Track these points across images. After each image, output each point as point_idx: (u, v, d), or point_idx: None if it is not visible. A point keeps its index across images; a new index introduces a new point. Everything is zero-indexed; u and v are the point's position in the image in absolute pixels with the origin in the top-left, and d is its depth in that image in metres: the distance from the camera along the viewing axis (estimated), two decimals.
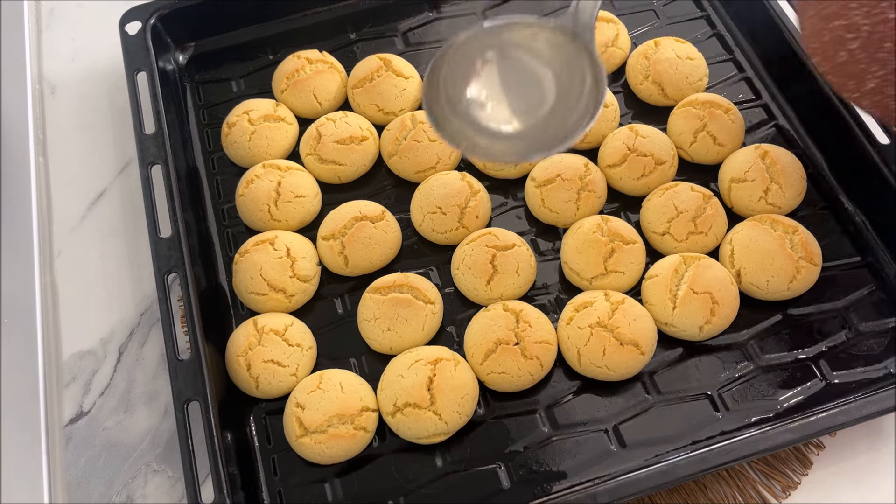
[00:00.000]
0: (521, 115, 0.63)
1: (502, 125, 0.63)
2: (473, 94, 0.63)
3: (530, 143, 0.63)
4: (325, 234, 0.77)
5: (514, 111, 0.63)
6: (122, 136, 0.90)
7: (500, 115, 0.63)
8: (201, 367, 0.66)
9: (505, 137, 0.63)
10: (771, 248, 0.73)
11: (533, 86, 0.63)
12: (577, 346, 0.69)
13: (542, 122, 0.63)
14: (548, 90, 0.62)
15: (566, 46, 0.61)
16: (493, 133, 0.63)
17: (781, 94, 0.87)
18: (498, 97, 0.63)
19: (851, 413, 0.65)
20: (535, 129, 0.63)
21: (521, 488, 0.66)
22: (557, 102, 0.62)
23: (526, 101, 0.63)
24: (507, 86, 0.63)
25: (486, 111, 0.63)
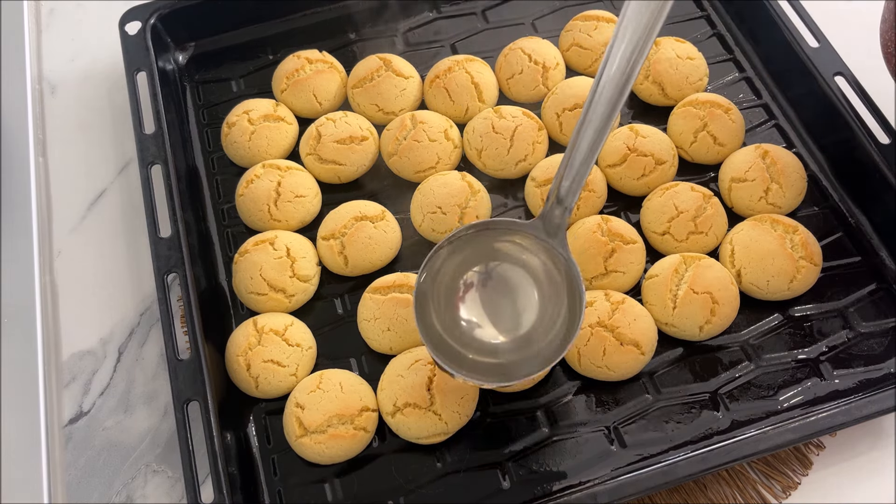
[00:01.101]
0: (506, 332, 0.64)
1: (492, 344, 0.64)
2: (463, 317, 0.64)
3: (521, 361, 0.63)
4: (325, 234, 0.77)
5: (501, 330, 0.64)
6: (121, 136, 0.90)
7: (489, 336, 0.64)
8: (201, 367, 0.66)
9: (496, 355, 0.63)
10: (771, 248, 0.73)
11: (517, 300, 0.64)
12: (576, 345, 0.69)
13: (526, 337, 0.63)
14: (531, 302, 0.64)
15: (542, 249, 0.63)
16: (486, 352, 0.63)
17: (781, 94, 0.87)
18: (485, 319, 0.64)
19: (851, 413, 0.65)
20: (521, 346, 0.63)
21: (521, 488, 0.66)
22: (540, 314, 0.63)
23: (511, 318, 0.64)
24: (492, 306, 0.64)
25: (477, 332, 0.64)
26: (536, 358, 0.62)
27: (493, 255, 0.65)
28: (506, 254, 0.65)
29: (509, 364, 0.62)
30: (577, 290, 0.61)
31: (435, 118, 0.83)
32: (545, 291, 0.63)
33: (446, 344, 0.62)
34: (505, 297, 0.64)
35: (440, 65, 0.86)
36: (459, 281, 0.64)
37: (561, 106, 0.83)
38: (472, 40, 0.92)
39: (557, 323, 0.62)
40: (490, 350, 0.63)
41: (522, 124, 0.81)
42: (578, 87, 0.84)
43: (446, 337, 0.62)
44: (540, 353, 0.62)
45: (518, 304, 0.64)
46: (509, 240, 0.64)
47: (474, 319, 0.64)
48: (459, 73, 0.85)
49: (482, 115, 0.83)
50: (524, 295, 0.64)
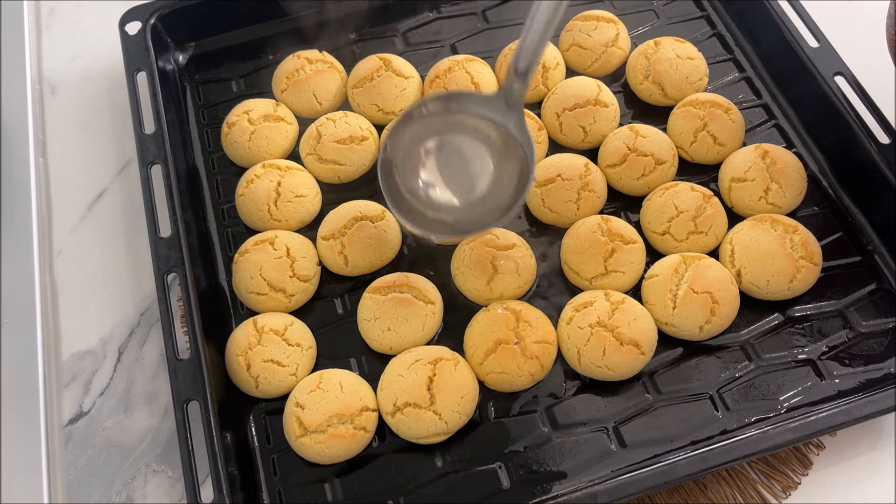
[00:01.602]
0: (462, 194, 0.69)
1: (449, 203, 0.69)
2: (422, 179, 0.69)
3: (470, 220, 0.68)
4: (325, 234, 0.77)
5: (455, 192, 0.69)
6: (121, 135, 0.90)
7: (445, 196, 0.69)
8: (201, 366, 0.66)
9: (451, 214, 0.68)
10: (771, 248, 0.73)
11: (473, 165, 0.69)
12: (577, 345, 0.69)
13: (481, 199, 0.68)
14: (486, 167, 0.68)
15: (501, 122, 0.67)
16: (443, 210, 0.68)
17: (781, 94, 0.87)
18: (441, 181, 0.69)
19: (851, 413, 0.65)
20: (475, 205, 0.68)
21: (521, 488, 0.66)
22: (495, 178, 0.68)
23: (467, 182, 0.69)
24: (448, 169, 0.69)
25: (435, 193, 0.69)
26: (487, 218, 0.67)
27: (454, 127, 0.69)
28: (466, 125, 0.69)
29: (463, 223, 0.68)
30: (528, 158, 0.65)
31: None
32: (500, 159, 0.68)
33: (408, 204, 0.68)
34: (462, 163, 0.69)
35: (440, 65, 0.86)
36: (420, 149, 0.69)
37: (561, 106, 0.83)
38: (472, 40, 0.92)
39: (510, 187, 0.67)
40: (447, 210, 0.68)
41: None
42: (578, 87, 0.84)
43: (409, 198, 0.68)
44: (491, 213, 0.67)
45: (474, 170, 0.69)
46: (470, 111, 0.68)
47: (433, 183, 0.69)
48: (459, 73, 0.85)
49: None
50: (480, 162, 0.68)
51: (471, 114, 0.68)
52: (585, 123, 0.82)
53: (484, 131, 0.68)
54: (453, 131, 0.69)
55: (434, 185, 0.69)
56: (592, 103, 0.82)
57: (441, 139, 0.69)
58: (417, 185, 0.68)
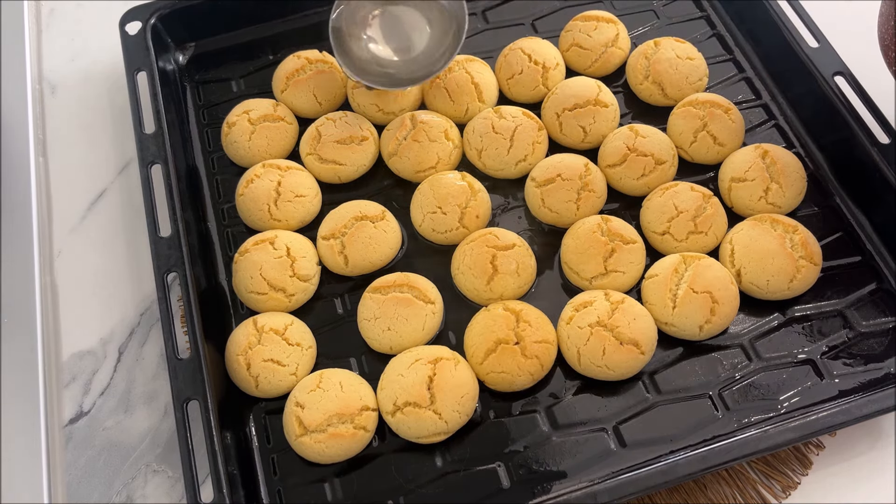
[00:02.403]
0: (401, 52, 0.84)
1: (391, 58, 0.84)
2: (366, 37, 0.83)
3: (407, 74, 0.82)
4: (325, 234, 0.77)
5: (396, 50, 0.84)
6: (121, 135, 0.90)
7: (388, 53, 0.84)
8: (201, 366, 0.66)
9: (392, 68, 0.83)
10: (771, 248, 0.73)
11: (411, 30, 0.84)
12: (576, 345, 0.69)
13: (418, 57, 0.83)
14: (423, 33, 0.83)
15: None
16: (384, 64, 0.83)
17: (781, 94, 0.87)
18: (384, 40, 0.84)
19: (851, 413, 0.65)
20: (412, 63, 0.83)
21: (521, 488, 0.66)
22: (430, 42, 0.83)
23: (405, 42, 0.84)
24: (390, 31, 0.84)
25: (378, 50, 0.84)
26: (423, 70, 0.81)
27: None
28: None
29: (403, 74, 0.82)
30: (461, 17, 0.79)
31: (435, 118, 0.83)
32: (436, 23, 0.82)
33: (360, 61, 0.82)
34: (402, 27, 0.83)
35: None
36: (367, 14, 0.83)
37: (561, 106, 0.83)
38: (472, 40, 0.92)
39: (444, 45, 0.81)
40: (390, 65, 0.83)
41: (522, 124, 0.81)
42: (578, 87, 0.84)
43: (359, 55, 0.82)
44: (426, 67, 0.81)
45: (413, 33, 0.83)
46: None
47: (378, 43, 0.83)
48: (459, 73, 0.85)
49: (482, 115, 0.83)
50: (418, 25, 0.83)
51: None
52: (585, 123, 0.82)
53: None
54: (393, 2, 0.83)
55: (378, 43, 0.83)
56: (592, 103, 0.82)
57: (383, 9, 0.83)
58: (364, 44, 0.83)
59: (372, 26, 0.82)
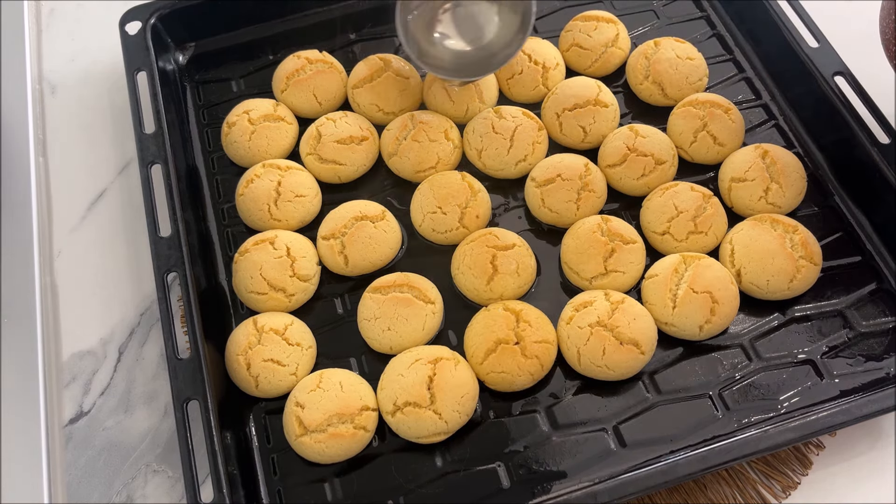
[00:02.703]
0: (472, 43, 0.82)
1: (463, 49, 0.82)
2: (438, 34, 0.82)
3: (477, 66, 0.81)
4: (325, 234, 0.77)
5: (467, 41, 0.82)
6: (121, 135, 0.90)
7: (460, 45, 0.82)
8: (201, 366, 0.66)
9: (465, 58, 0.82)
10: (771, 248, 0.73)
11: (479, 20, 0.82)
12: (576, 345, 0.69)
13: (485, 49, 0.81)
14: (491, 22, 0.81)
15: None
16: (457, 56, 0.82)
17: (781, 94, 0.87)
18: (454, 33, 0.82)
19: (851, 413, 0.65)
20: (484, 50, 0.81)
21: (521, 488, 0.66)
22: (500, 30, 0.81)
23: (475, 33, 0.82)
24: (459, 24, 0.82)
25: (450, 44, 0.82)
26: (492, 60, 0.80)
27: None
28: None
29: (472, 65, 0.81)
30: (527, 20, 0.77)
31: (435, 118, 0.83)
32: (504, 10, 0.80)
33: (433, 58, 0.81)
34: (471, 18, 0.82)
35: None
36: (436, 11, 0.81)
37: (561, 106, 0.83)
38: None
39: (513, 30, 0.79)
40: (463, 56, 0.82)
41: (522, 124, 0.81)
42: (578, 87, 0.84)
43: (424, 44, 0.80)
44: (496, 57, 0.80)
45: (481, 23, 0.82)
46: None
47: (447, 33, 0.82)
48: None
49: (482, 115, 0.83)
50: (486, 15, 0.81)
51: None
52: (585, 123, 0.82)
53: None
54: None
55: (448, 38, 0.81)
56: (592, 103, 0.82)
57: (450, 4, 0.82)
58: (432, 34, 0.81)
59: (442, 22, 0.81)
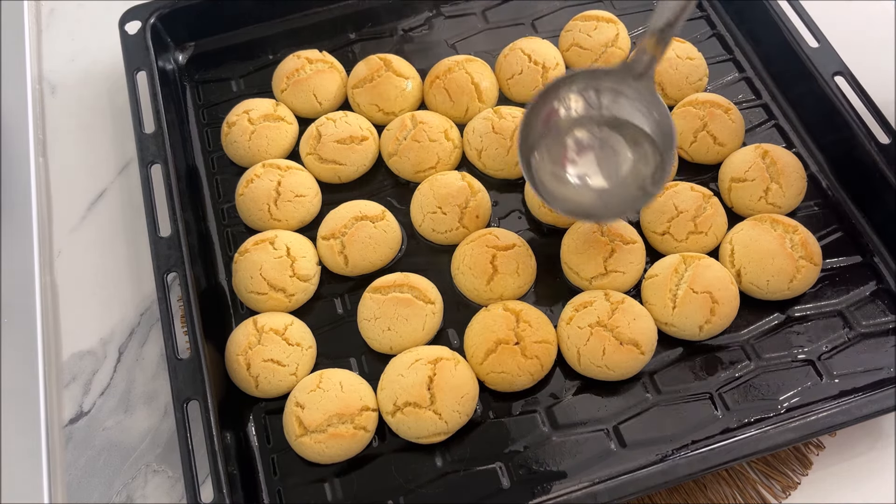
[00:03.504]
0: (606, 178, 0.72)
1: (590, 186, 0.72)
2: (569, 171, 0.72)
3: (614, 202, 0.71)
4: (325, 234, 0.77)
5: (600, 176, 0.72)
6: (121, 135, 0.90)
7: (594, 183, 0.72)
8: (201, 366, 0.66)
9: (594, 195, 0.71)
10: (771, 248, 0.73)
11: (613, 150, 0.71)
12: (576, 345, 0.69)
13: (622, 182, 0.71)
14: (624, 151, 0.71)
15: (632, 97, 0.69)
16: (585, 192, 0.72)
17: (781, 94, 0.87)
18: (586, 169, 0.72)
19: (851, 413, 0.65)
20: (617, 188, 0.71)
21: (521, 488, 0.66)
22: (634, 166, 0.71)
23: (607, 168, 0.71)
24: (589, 158, 0.72)
25: (578, 182, 0.72)
26: (624, 203, 0.70)
27: (590, 119, 0.72)
28: (604, 115, 0.71)
29: (606, 206, 0.71)
30: (668, 136, 0.67)
31: (435, 118, 0.83)
32: (638, 145, 0.70)
33: (560, 199, 0.70)
34: (601, 151, 0.72)
35: (440, 65, 0.86)
36: (563, 139, 0.71)
37: None
38: (472, 40, 0.92)
39: (649, 168, 0.69)
40: (592, 195, 0.71)
41: None
42: None
43: (546, 180, 0.70)
44: (628, 197, 0.70)
45: (614, 156, 0.71)
46: (607, 86, 0.70)
47: (581, 173, 0.72)
48: (459, 73, 0.85)
49: (482, 116, 0.83)
50: (617, 151, 0.71)
51: (610, 94, 0.70)
52: None
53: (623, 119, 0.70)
54: (590, 124, 0.71)
55: (579, 173, 0.71)
56: None
57: (583, 132, 0.72)
58: (562, 173, 0.71)
59: (571, 152, 0.72)
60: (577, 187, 0.71)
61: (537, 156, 0.70)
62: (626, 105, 0.70)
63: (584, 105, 0.71)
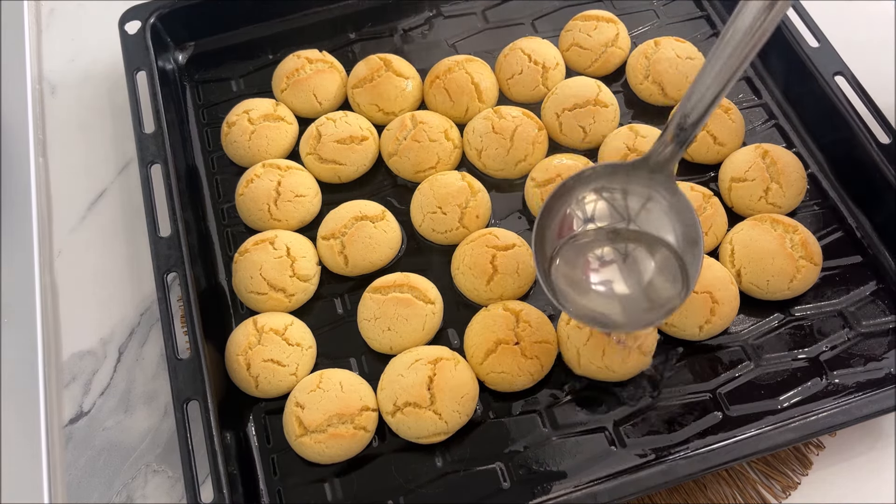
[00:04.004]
0: (628, 286, 0.67)
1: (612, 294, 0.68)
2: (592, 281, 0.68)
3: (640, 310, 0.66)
4: (325, 234, 0.77)
5: (623, 285, 0.68)
6: (121, 135, 0.90)
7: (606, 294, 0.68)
8: (201, 366, 0.66)
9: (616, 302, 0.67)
10: (771, 248, 0.73)
11: (633, 259, 0.68)
12: (576, 345, 0.69)
13: (644, 291, 0.67)
14: (646, 266, 0.67)
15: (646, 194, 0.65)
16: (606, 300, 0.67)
17: (781, 94, 0.87)
18: (602, 281, 0.68)
19: (851, 413, 0.65)
20: (639, 296, 0.67)
21: (521, 488, 0.66)
22: (657, 273, 0.67)
23: (629, 274, 0.68)
24: (609, 272, 0.68)
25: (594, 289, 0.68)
26: (649, 313, 0.65)
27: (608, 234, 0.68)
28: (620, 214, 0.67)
29: (622, 316, 0.66)
30: (692, 237, 0.63)
31: (435, 118, 0.83)
32: (658, 254, 0.67)
33: (580, 308, 0.66)
34: (622, 264, 0.68)
35: (440, 65, 0.86)
36: (581, 254, 0.68)
37: (561, 106, 0.83)
38: (472, 40, 0.92)
39: (672, 277, 0.65)
40: (613, 304, 0.67)
41: (522, 124, 0.81)
42: (578, 87, 0.84)
43: (565, 288, 0.66)
44: (653, 307, 0.65)
45: (634, 269, 0.67)
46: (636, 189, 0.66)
47: (595, 283, 0.68)
48: (459, 73, 0.85)
49: (482, 115, 0.83)
50: (639, 261, 0.67)
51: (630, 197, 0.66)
52: (585, 123, 0.82)
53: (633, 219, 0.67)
54: (608, 239, 0.68)
55: (601, 282, 0.68)
56: (592, 103, 0.82)
57: (600, 247, 0.68)
58: (582, 281, 0.67)
59: (591, 270, 0.68)
60: (598, 296, 0.67)
61: (557, 261, 0.67)
62: (655, 212, 0.66)
63: (609, 211, 0.67)
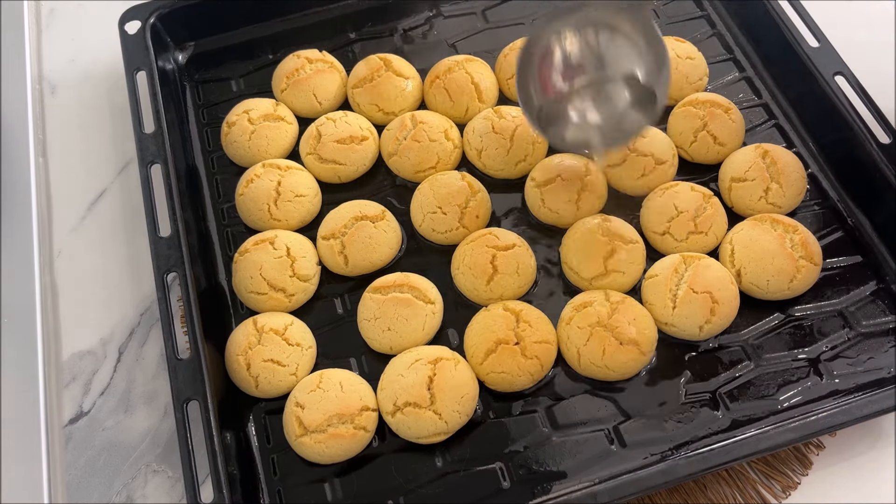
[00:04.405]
0: (603, 110, 0.69)
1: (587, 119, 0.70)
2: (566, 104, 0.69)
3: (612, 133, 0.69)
4: (325, 234, 0.77)
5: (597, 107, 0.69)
6: (121, 135, 0.90)
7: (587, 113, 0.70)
8: (201, 366, 0.66)
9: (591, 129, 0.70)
10: (771, 248, 0.73)
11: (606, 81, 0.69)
12: (577, 345, 0.69)
13: (620, 114, 0.69)
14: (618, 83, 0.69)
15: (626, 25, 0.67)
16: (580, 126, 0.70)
17: (781, 94, 0.87)
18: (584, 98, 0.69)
19: (851, 413, 0.65)
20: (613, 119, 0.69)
21: (521, 488, 0.66)
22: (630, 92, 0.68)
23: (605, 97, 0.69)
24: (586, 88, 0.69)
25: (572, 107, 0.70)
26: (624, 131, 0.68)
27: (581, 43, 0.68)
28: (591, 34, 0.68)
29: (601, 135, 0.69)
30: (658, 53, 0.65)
31: (435, 118, 0.83)
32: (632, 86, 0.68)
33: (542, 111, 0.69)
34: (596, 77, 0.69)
35: (440, 65, 0.86)
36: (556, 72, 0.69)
37: None
38: (472, 40, 0.92)
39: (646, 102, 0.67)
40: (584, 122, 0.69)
41: (522, 124, 0.81)
42: None
43: (543, 106, 0.69)
44: (627, 125, 0.68)
45: (606, 84, 0.69)
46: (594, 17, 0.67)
47: (572, 98, 0.69)
48: (459, 73, 0.85)
49: (482, 115, 0.83)
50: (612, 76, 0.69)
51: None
52: None
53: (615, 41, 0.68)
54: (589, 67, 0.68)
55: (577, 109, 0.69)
56: None
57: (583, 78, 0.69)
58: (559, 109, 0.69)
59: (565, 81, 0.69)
60: (577, 128, 0.70)
61: (533, 90, 0.69)
62: (623, 44, 0.67)
63: (581, 46, 0.68)
